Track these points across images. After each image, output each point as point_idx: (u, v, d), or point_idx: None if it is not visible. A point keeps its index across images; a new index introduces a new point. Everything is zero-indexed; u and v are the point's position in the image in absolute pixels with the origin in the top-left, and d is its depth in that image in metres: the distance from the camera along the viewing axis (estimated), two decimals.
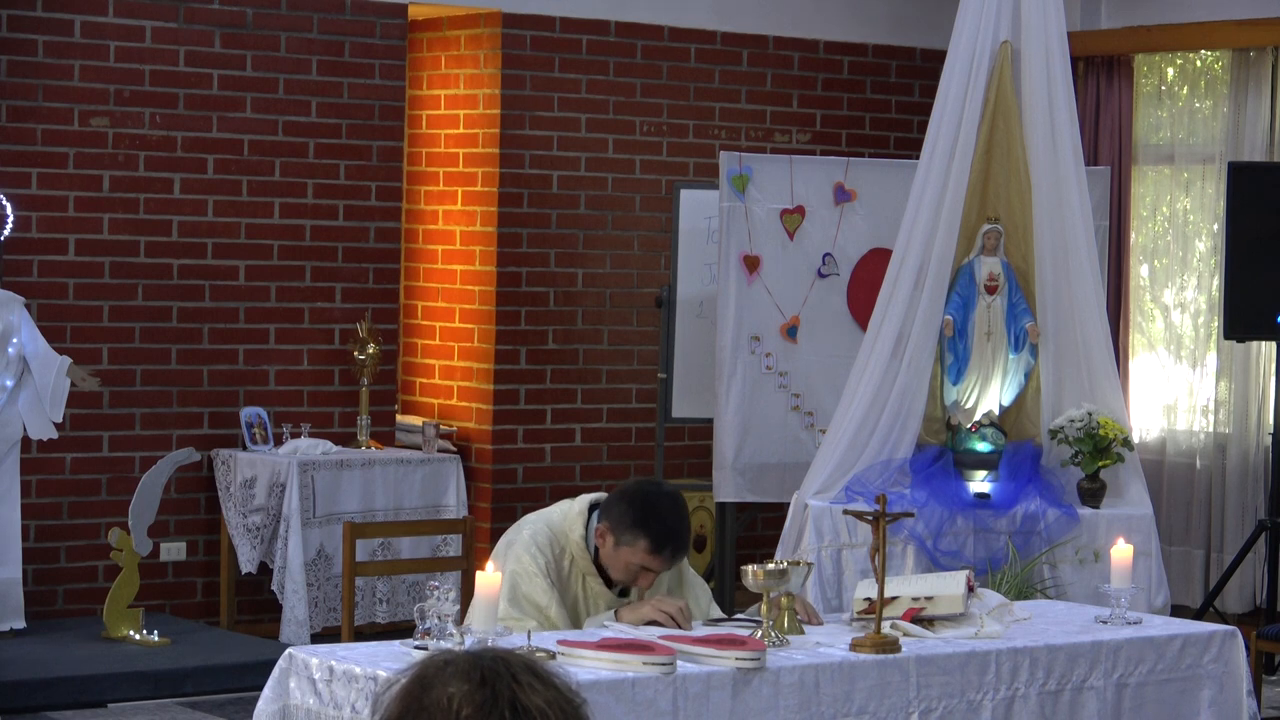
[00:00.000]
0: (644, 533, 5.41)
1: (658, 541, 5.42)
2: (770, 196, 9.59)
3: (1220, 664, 5.79)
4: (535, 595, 5.47)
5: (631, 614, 5.36)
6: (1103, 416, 7.75)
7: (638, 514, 5.42)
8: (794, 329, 9.65)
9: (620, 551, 5.44)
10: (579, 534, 5.54)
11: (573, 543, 5.53)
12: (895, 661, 5.23)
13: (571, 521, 5.56)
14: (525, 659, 2.48)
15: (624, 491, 5.53)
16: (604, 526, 5.47)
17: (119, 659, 8.59)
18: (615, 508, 5.47)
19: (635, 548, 5.42)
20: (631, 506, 5.44)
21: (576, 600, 5.58)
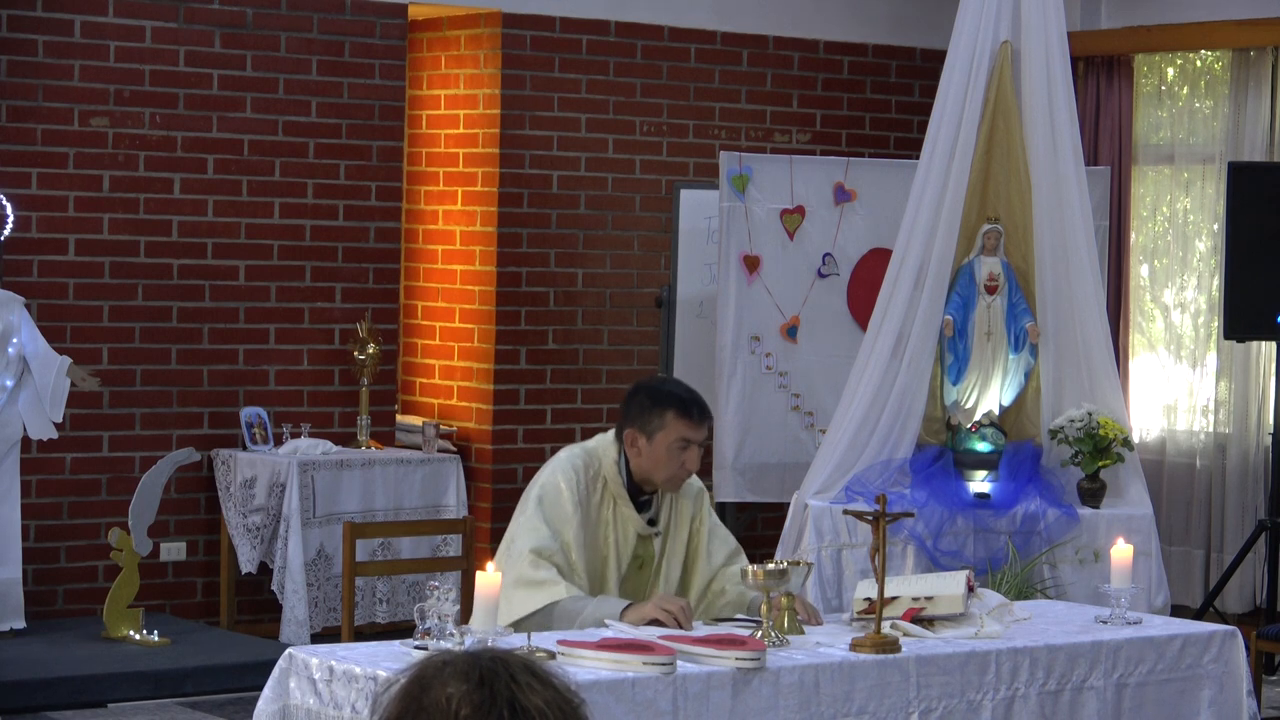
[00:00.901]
0: (668, 406, 5.56)
1: (683, 406, 5.58)
2: (770, 196, 9.60)
3: (1220, 664, 5.79)
4: (557, 513, 5.52)
5: (635, 614, 5.37)
6: (1103, 416, 7.75)
7: (654, 396, 5.61)
8: (794, 329, 9.65)
9: (656, 441, 5.55)
10: (613, 457, 5.63)
11: (607, 465, 5.62)
12: (895, 661, 5.23)
13: (606, 447, 5.67)
14: (524, 659, 2.48)
15: (630, 394, 5.68)
16: (632, 431, 5.59)
17: (119, 659, 8.59)
18: (631, 407, 5.62)
19: (667, 425, 5.55)
20: (645, 396, 5.62)
21: (606, 526, 5.63)
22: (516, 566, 5.49)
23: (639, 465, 5.62)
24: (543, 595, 5.46)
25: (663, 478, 5.62)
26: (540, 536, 5.51)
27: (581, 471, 5.60)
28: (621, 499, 5.63)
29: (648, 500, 5.71)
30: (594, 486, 5.62)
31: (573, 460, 5.63)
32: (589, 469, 5.62)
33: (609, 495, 5.64)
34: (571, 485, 5.57)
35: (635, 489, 5.67)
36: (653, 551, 5.71)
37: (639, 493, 5.68)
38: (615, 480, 5.63)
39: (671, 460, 5.58)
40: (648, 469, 5.61)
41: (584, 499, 5.58)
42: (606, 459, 5.64)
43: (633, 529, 5.65)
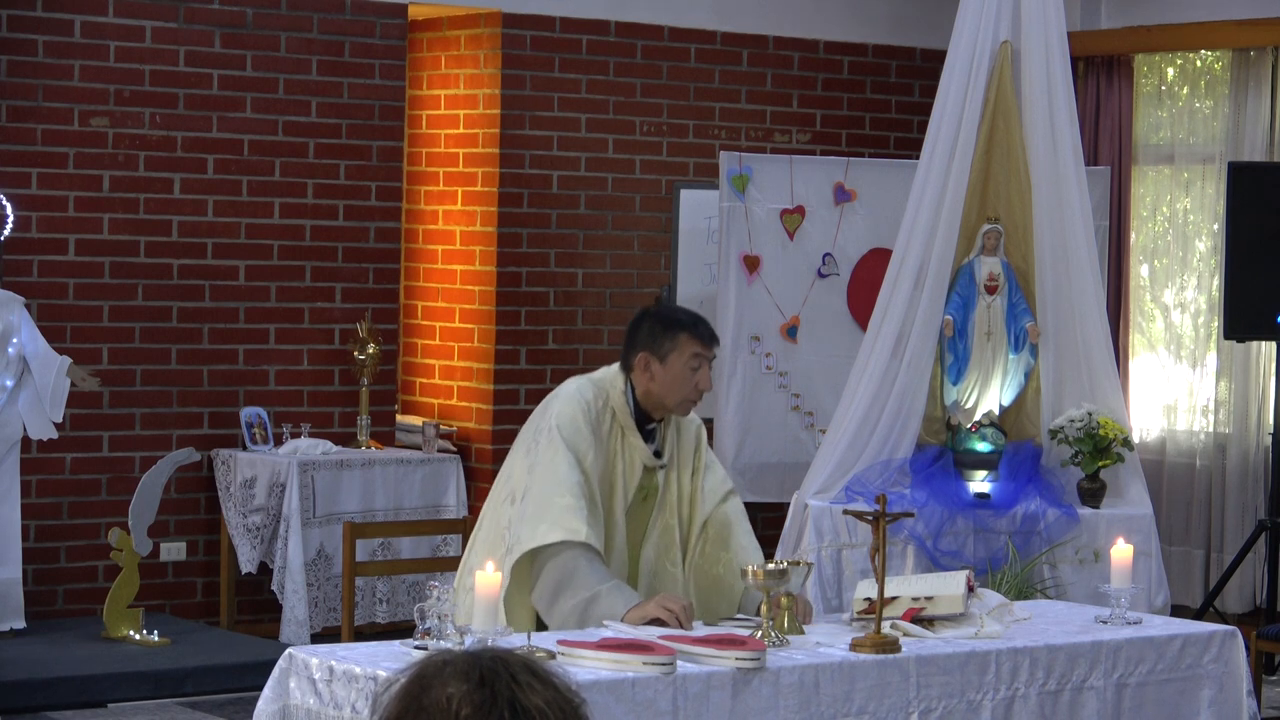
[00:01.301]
0: (678, 328, 5.63)
1: (695, 326, 5.66)
2: (770, 196, 9.60)
3: (1220, 664, 5.79)
4: (578, 439, 5.53)
5: (637, 613, 5.37)
6: (1103, 416, 7.75)
7: (664, 320, 5.67)
8: (794, 329, 9.66)
9: (670, 362, 5.59)
10: (619, 388, 5.66)
11: (615, 396, 5.65)
12: (895, 661, 5.23)
13: (613, 378, 5.70)
14: (524, 659, 2.48)
15: (635, 323, 5.73)
16: (643, 356, 5.62)
17: (119, 659, 8.59)
18: (640, 333, 5.66)
19: (680, 347, 5.60)
20: (653, 321, 5.68)
21: (615, 457, 5.64)
22: (552, 497, 5.44)
23: (650, 391, 5.63)
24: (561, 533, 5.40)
25: (676, 399, 5.64)
26: (573, 468, 5.50)
27: (592, 402, 5.63)
28: (630, 429, 5.65)
29: (652, 432, 5.72)
30: (604, 417, 5.64)
31: (582, 391, 5.65)
32: (598, 399, 5.65)
33: (618, 426, 5.66)
34: (586, 414, 5.59)
35: (641, 420, 5.68)
36: (657, 484, 5.72)
37: (645, 423, 5.69)
38: (623, 410, 5.65)
39: (686, 380, 5.61)
40: (660, 393, 5.63)
41: (596, 429, 5.60)
42: (614, 390, 5.67)
43: (639, 460, 5.67)
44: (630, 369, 5.66)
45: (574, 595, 5.41)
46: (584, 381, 5.70)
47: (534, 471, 5.54)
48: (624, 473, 5.65)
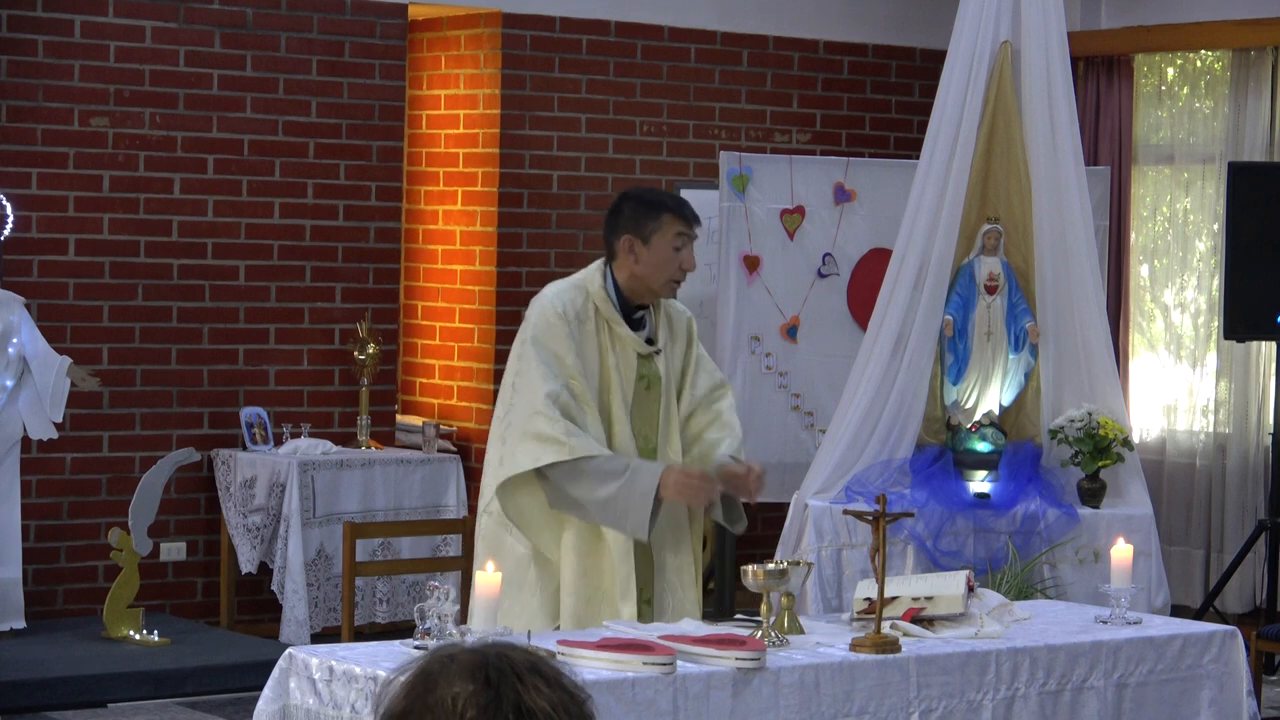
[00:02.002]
0: (661, 208, 5.68)
1: (677, 206, 5.71)
2: (770, 196, 9.60)
3: (1220, 664, 5.79)
4: (556, 345, 5.56)
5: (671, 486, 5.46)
6: (1103, 416, 7.75)
7: (645, 202, 5.72)
8: (794, 329, 9.65)
9: (654, 242, 5.63)
10: (598, 283, 5.67)
11: (595, 290, 5.66)
12: (895, 661, 5.23)
13: (590, 276, 5.71)
14: (531, 657, 2.48)
15: (617, 206, 5.75)
16: (628, 237, 5.64)
17: (119, 659, 8.59)
18: (622, 217, 5.69)
19: (663, 226, 5.64)
20: (636, 203, 5.71)
21: (606, 351, 5.65)
22: (528, 417, 5.50)
23: (635, 274, 5.65)
24: (550, 453, 5.46)
25: (662, 280, 5.67)
26: (548, 380, 5.53)
27: (569, 302, 5.64)
28: (615, 321, 5.66)
29: (641, 320, 5.73)
30: (585, 314, 5.65)
31: (560, 293, 5.66)
32: (577, 298, 5.66)
33: (602, 320, 5.67)
34: (562, 315, 5.60)
35: (626, 310, 5.69)
36: (657, 371, 5.72)
37: (630, 312, 5.70)
38: (606, 302, 5.66)
39: (670, 260, 5.65)
40: (645, 274, 5.65)
41: (577, 328, 5.62)
42: (593, 285, 5.68)
43: (632, 349, 5.68)
44: (613, 254, 5.68)
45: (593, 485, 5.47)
46: (561, 285, 5.71)
47: (518, 395, 5.58)
48: (618, 366, 5.65)
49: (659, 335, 5.75)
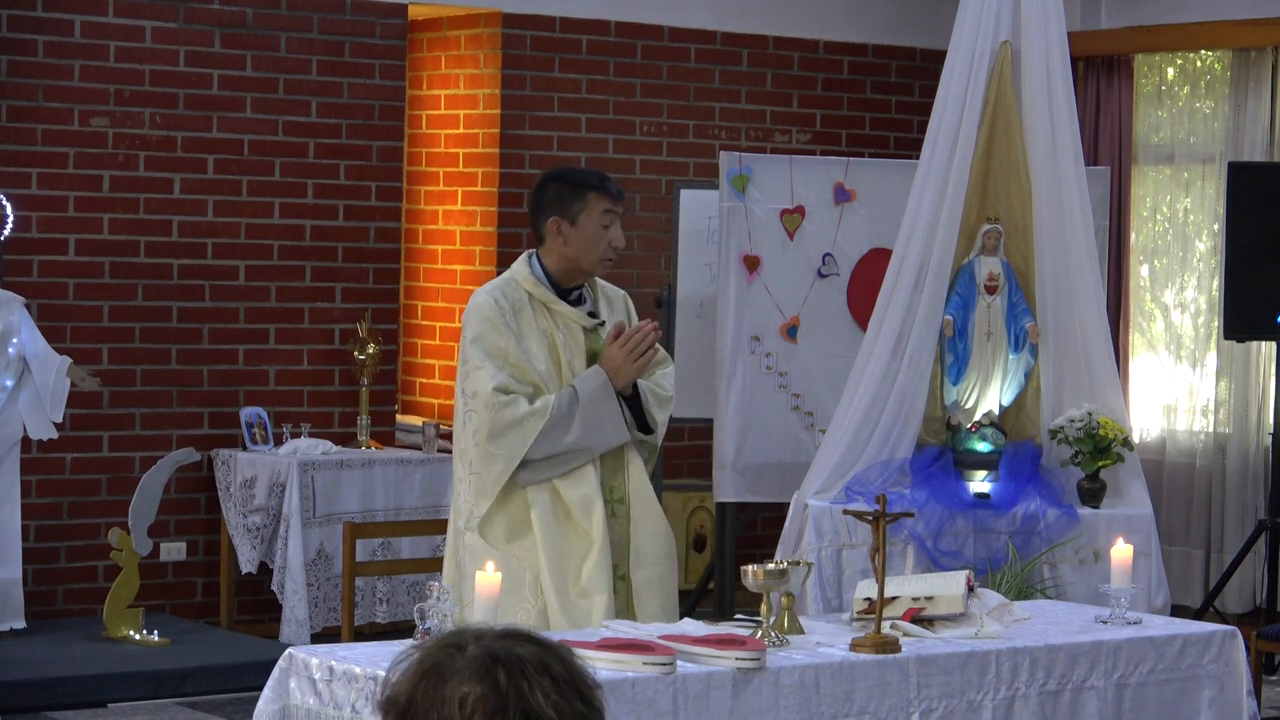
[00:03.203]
0: (586, 187, 5.71)
1: (601, 182, 5.74)
2: (770, 196, 9.59)
3: (1220, 664, 5.79)
4: (497, 341, 5.62)
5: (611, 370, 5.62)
6: (1103, 416, 7.75)
7: (569, 181, 5.76)
8: (794, 329, 9.65)
9: (581, 222, 5.67)
10: (525, 272, 5.72)
11: (524, 278, 5.71)
12: (895, 661, 5.23)
13: (516, 268, 5.76)
14: (541, 653, 2.46)
15: (539, 188, 5.78)
16: (555, 219, 5.68)
17: (119, 659, 8.59)
18: (546, 197, 5.73)
19: (589, 205, 5.68)
20: (559, 183, 5.75)
21: (550, 333, 5.71)
22: (493, 417, 5.58)
23: (565, 255, 5.70)
24: (533, 425, 5.56)
25: (593, 259, 5.72)
26: (493, 374, 5.61)
27: (501, 295, 5.69)
28: (551, 300, 5.71)
29: (579, 298, 5.79)
30: (520, 303, 5.70)
31: (489, 290, 5.72)
32: (508, 290, 5.70)
33: (539, 304, 5.72)
34: (496, 308, 5.65)
35: (560, 293, 5.74)
36: (604, 344, 5.77)
37: (565, 294, 5.75)
38: (537, 286, 5.71)
39: (599, 239, 5.69)
40: (575, 254, 5.70)
41: (513, 318, 5.66)
42: (520, 274, 5.73)
43: (575, 324, 5.75)
44: (541, 238, 5.72)
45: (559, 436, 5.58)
46: (490, 285, 5.77)
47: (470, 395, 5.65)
48: (565, 344, 5.71)
49: (601, 309, 5.82)
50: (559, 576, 5.61)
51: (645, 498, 5.82)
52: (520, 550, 5.64)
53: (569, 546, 5.65)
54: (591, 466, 5.68)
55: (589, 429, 5.63)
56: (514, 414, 5.57)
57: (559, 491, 5.66)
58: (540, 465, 5.62)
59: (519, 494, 5.64)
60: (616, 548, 5.73)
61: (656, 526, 5.83)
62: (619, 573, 5.73)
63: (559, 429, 5.59)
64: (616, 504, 5.77)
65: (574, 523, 5.66)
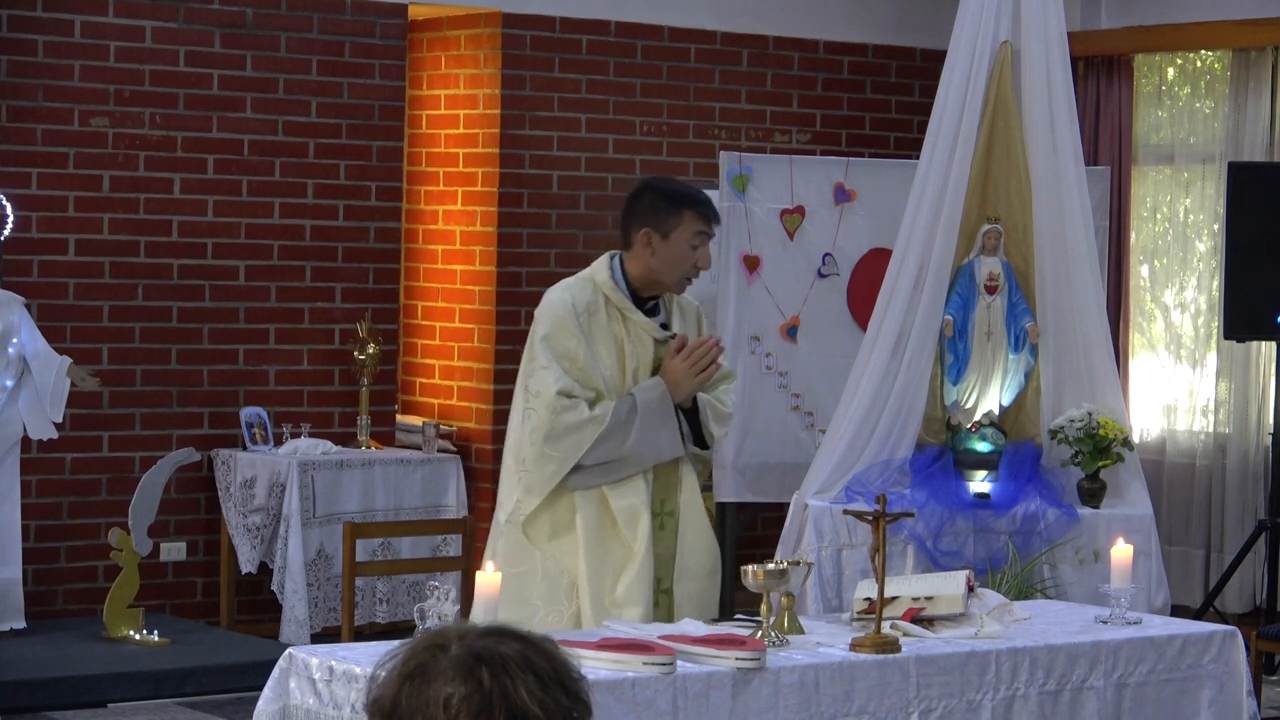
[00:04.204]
0: (683, 203, 5.62)
1: (699, 203, 5.64)
2: (770, 196, 9.59)
3: (1220, 664, 5.79)
4: (567, 343, 5.55)
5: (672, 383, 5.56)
6: (1103, 416, 7.75)
7: (668, 195, 5.65)
8: (794, 329, 9.65)
9: (673, 238, 5.58)
10: (605, 275, 5.64)
11: (603, 282, 5.64)
12: (895, 661, 5.23)
13: (597, 269, 5.68)
14: (525, 650, 2.46)
15: (637, 195, 5.69)
16: (646, 232, 5.60)
17: (119, 659, 8.60)
18: (642, 206, 5.64)
19: (684, 222, 5.59)
20: (658, 195, 5.65)
21: (621, 340, 5.63)
22: (552, 419, 5.51)
23: (650, 266, 5.62)
24: (590, 430, 5.50)
25: (675, 277, 5.64)
26: (558, 377, 5.53)
27: (577, 296, 5.61)
28: (627, 308, 5.63)
29: (653, 308, 5.72)
30: (595, 306, 5.62)
31: (568, 289, 5.65)
32: (584, 291, 5.63)
33: (614, 309, 5.64)
34: (570, 311, 5.57)
35: (636, 300, 5.67)
36: None
37: (641, 303, 5.68)
38: (615, 291, 5.63)
39: (686, 257, 5.61)
40: (660, 269, 5.62)
41: (587, 320, 5.59)
42: (600, 278, 5.65)
43: (647, 335, 5.66)
44: (629, 244, 5.64)
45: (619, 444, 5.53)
46: (567, 281, 5.70)
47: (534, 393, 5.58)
48: (634, 353, 5.63)
49: (674, 322, 5.75)
50: (596, 584, 5.55)
51: (695, 512, 5.75)
52: (560, 550, 5.58)
53: (610, 555, 5.59)
54: (642, 478, 5.62)
55: (644, 440, 5.56)
56: (574, 419, 5.50)
57: (607, 500, 5.59)
58: (592, 471, 5.56)
59: (566, 496, 5.58)
60: (662, 561, 5.67)
61: (703, 541, 5.75)
62: (662, 586, 5.67)
63: (615, 436, 5.53)
64: (666, 516, 5.70)
65: (617, 532, 5.59)
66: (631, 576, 5.56)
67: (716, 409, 5.79)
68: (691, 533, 5.73)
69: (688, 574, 5.68)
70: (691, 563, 5.70)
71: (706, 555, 5.73)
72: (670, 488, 5.71)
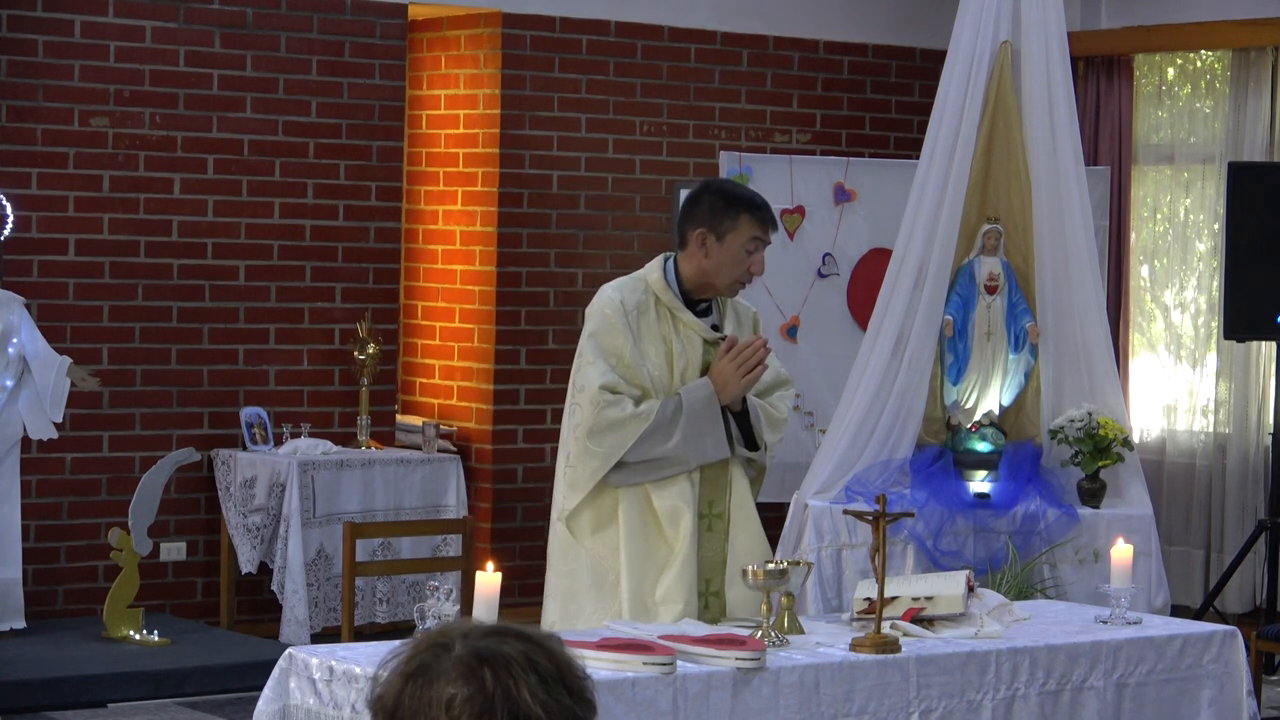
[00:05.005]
0: (742, 208, 5.57)
1: (757, 208, 5.60)
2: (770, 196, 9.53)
3: (1220, 664, 5.79)
4: (614, 340, 5.53)
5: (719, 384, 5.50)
6: (1103, 416, 7.75)
7: (727, 197, 5.60)
8: (794, 329, 9.65)
9: (728, 241, 5.54)
10: (658, 275, 5.60)
11: (654, 281, 5.60)
12: (895, 661, 5.23)
13: (650, 269, 5.65)
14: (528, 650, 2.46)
15: (696, 196, 5.64)
16: (702, 231, 5.55)
17: (119, 659, 8.59)
18: (699, 208, 5.59)
19: (740, 227, 5.54)
20: (717, 197, 5.60)
21: (670, 341, 5.59)
22: (596, 415, 5.48)
23: (703, 268, 5.58)
24: (634, 426, 5.47)
25: (728, 280, 5.60)
26: (603, 372, 5.51)
27: (629, 295, 5.57)
28: (678, 308, 5.59)
29: (705, 310, 5.68)
30: (645, 305, 5.58)
31: (618, 288, 5.61)
32: (635, 290, 5.59)
33: (664, 310, 5.60)
34: (619, 310, 5.54)
35: (688, 302, 5.63)
36: None
37: (693, 304, 5.64)
38: (666, 291, 5.59)
39: (740, 262, 5.57)
40: (712, 272, 5.57)
41: (636, 319, 5.55)
42: (652, 277, 5.61)
43: (697, 336, 5.62)
44: (684, 243, 5.60)
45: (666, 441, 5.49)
46: (619, 280, 5.66)
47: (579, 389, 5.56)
48: (682, 353, 5.59)
49: (726, 324, 5.71)
50: (636, 581, 5.53)
51: (746, 515, 5.72)
52: (603, 545, 5.55)
53: (652, 554, 5.55)
54: (687, 479, 5.58)
55: (689, 440, 5.52)
56: (617, 414, 5.47)
57: (650, 498, 5.57)
58: (635, 469, 5.52)
59: (610, 493, 5.55)
60: (711, 563, 5.64)
61: (755, 545, 5.71)
62: (711, 589, 5.63)
63: (659, 435, 5.49)
64: (715, 519, 5.67)
65: (661, 531, 5.57)
66: (672, 576, 5.53)
67: (769, 413, 5.76)
68: (743, 536, 5.70)
69: (739, 577, 5.64)
70: (743, 565, 5.68)
71: (758, 559, 5.69)
72: (719, 490, 5.68)
